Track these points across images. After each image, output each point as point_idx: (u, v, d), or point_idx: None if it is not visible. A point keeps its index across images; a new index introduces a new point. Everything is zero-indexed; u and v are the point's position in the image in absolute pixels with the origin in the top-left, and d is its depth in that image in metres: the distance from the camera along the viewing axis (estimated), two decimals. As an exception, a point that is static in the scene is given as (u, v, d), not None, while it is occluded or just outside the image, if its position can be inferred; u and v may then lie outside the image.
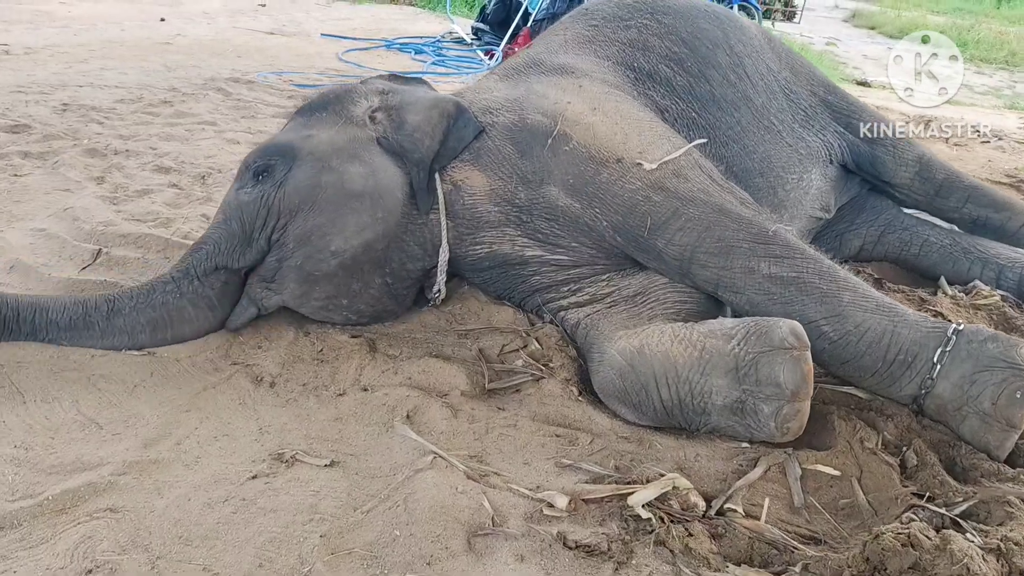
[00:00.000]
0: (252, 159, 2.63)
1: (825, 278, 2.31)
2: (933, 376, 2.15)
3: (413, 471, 1.97)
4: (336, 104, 2.78)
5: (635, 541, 1.79)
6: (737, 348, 2.14)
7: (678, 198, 2.47)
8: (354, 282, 2.59)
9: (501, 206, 2.67)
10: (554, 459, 2.09)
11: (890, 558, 1.67)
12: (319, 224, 2.51)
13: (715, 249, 2.40)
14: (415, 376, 2.41)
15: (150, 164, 4.25)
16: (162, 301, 2.45)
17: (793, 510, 1.96)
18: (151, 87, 6.02)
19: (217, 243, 2.53)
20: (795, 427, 2.09)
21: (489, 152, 2.72)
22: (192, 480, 1.96)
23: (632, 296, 2.59)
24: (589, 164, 2.57)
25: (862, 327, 2.23)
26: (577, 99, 2.77)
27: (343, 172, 2.56)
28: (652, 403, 2.23)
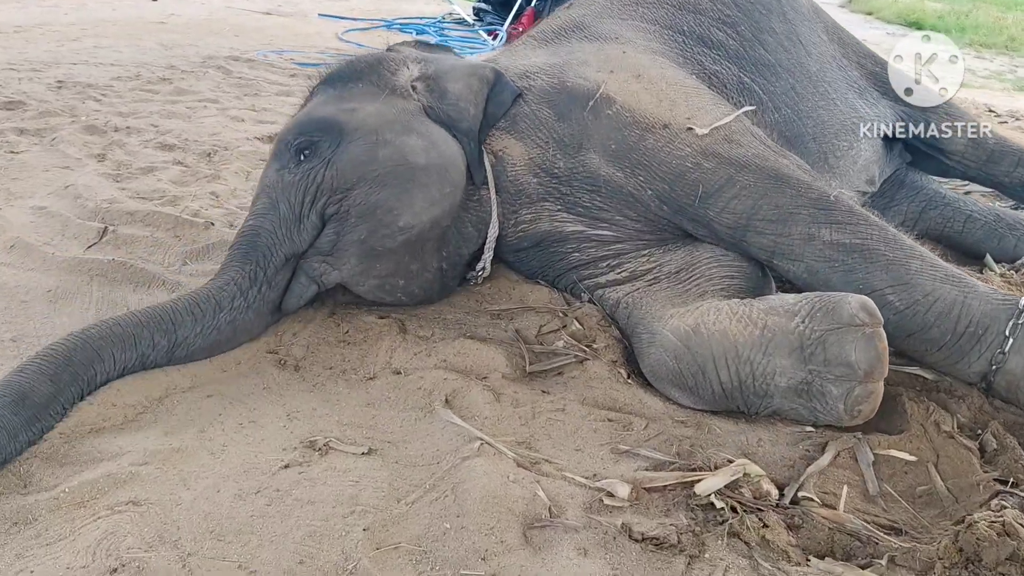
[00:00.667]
0: (291, 136, 2.42)
1: (891, 245, 2.17)
2: (1005, 350, 2.02)
3: (459, 459, 1.83)
4: (371, 74, 2.60)
5: (706, 532, 1.65)
6: (802, 325, 1.99)
7: (732, 164, 2.33)
8: (413, 262, 2.43)
9: (540, 177, 2.53)
10: (609, 445, 1.94)
11: (986, 548, 1.54)
12: (384, 199, 2.33)
13: (773, 216, 2.26)
14: (450, 358, 2.26)
15: (152, 141, 4.08)
16: (229, 320, 2.20)
17: (868, 498, 1.83)
18: (148, 65, 5.85)
19: (273, 232, 2.31)
20: (867, 410, 1.95)
21: (525, 117, 2.58)
22: (220, 470, 1.81)
23: (675, 272, 2.44)
24: (634, 129, 2.43)
25: (931, 296, 2.09)
26: (621, 66, 2.63)
27: (401, 145, 2.39)
28: (710, 386, 2.09)
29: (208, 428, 1.97)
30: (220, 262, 2.81)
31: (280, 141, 2.47)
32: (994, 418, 2.04)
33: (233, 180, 3.64)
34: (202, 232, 2.99)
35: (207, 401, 2.07)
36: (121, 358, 2.04)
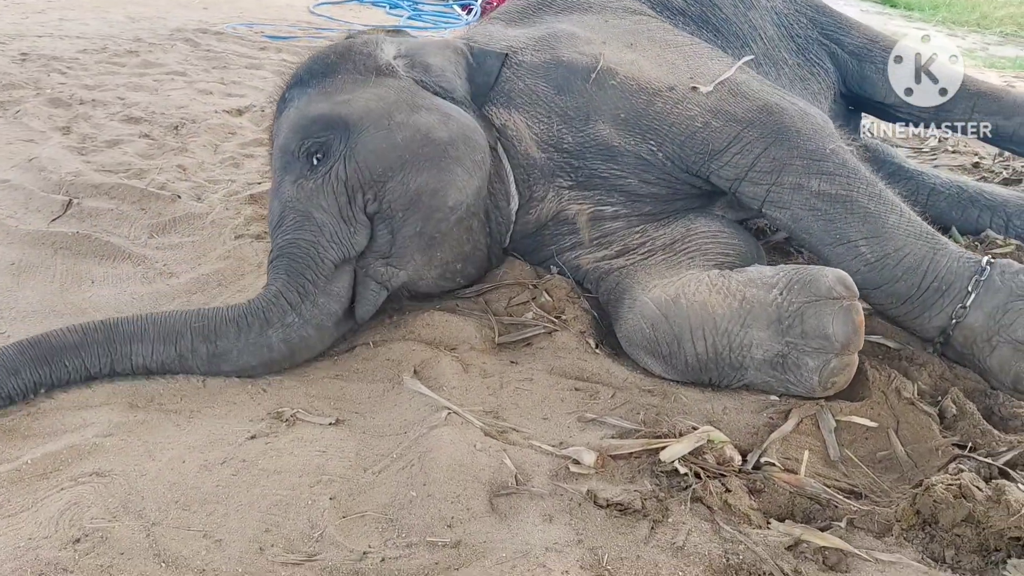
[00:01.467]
0: (295, 144, 2.28)
1: (874, 199, 2.22)
2: (966, 305, 2.08)
3: (427, 428, 1.83)
4: (346, 63, 2.48)
5: (670, 498, 1.67)
6: (780, 298, 2.01)
7: (737, 121, 2.35)
8: (467, 243, 2.40)
9: (548, 152, 2.49)
10: (575, 414, 1.96)
11: (942, 511, 1.58)
12: (425, 182, 2.24)
13: (769, 167, 2.30)
14: (420, 330, 2.27)
15: (119, 114, 4.02)
16: (282, 338, 2.09)
17: (829, 463, 1.85)
18: (115, 38, 5.74)
19: (315, 243, 2.17)
20: (841, 382, 1.99)
21: (521, 93, 2.53)
22: (186, 441, 1.80)
23: (669, 244, 2.45)
24: (640, 95, 2.43)
25: (902, 251, 2.15)
26: (610, 35, 2.62)
27: (417, 123, 2.30)
28: (684, 356, 2.10)
29: (175, 401, 1.96)
30: (186, 234, 2.83)
31: (284, 152, 2.32)
32: (954, 385, 2.08)
33: (200, 153, 3.60)
34: (168, 205, 2.96)
35: (176, 375, 2.05)
36: (161, 350, 2.02)
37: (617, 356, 2.25)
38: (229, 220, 2.87)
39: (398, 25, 7.55)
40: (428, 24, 7.87)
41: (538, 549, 1.50)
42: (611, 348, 2.29)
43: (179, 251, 2.71)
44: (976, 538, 1.56)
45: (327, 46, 2.64)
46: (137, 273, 2.58)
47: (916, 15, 14.56)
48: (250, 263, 2.53)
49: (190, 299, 2.43)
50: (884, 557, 1.53)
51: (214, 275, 2.54)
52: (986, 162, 4.35)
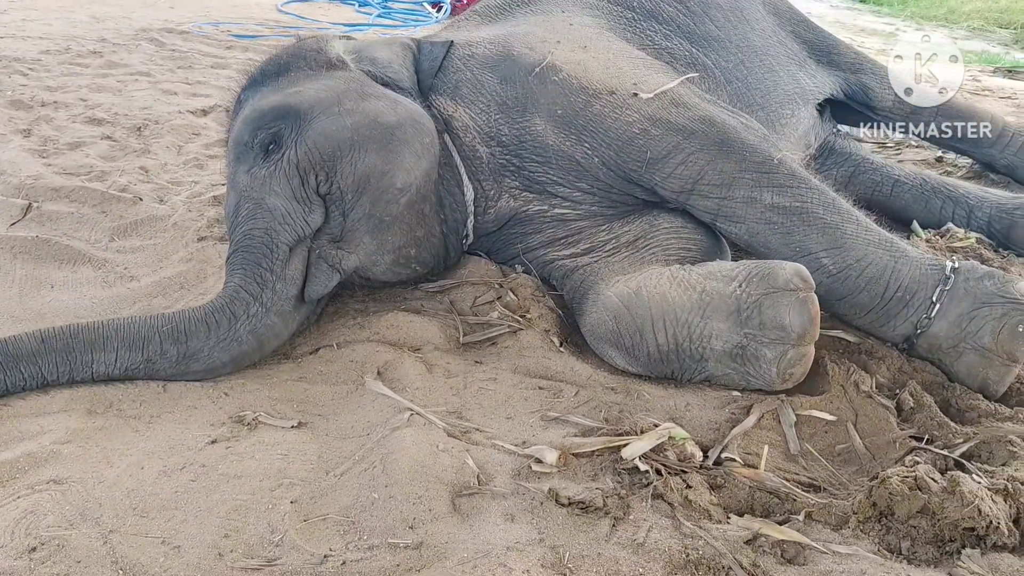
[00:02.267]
0: (247, 135, 2.29)
1: (829, 209, 2.23)
2: (931, 315, 2.09)
3: (389, 430, 1.82)
4: (298, 61, 2.50)
5: (631, 495, 1.68)
6: (739, 290, 2.04)
7: (678, 131, 2.34)
8: (419, 227, 2.39)
9: (491, 147, 2.50)
10: (539, 412, 1.96)
11: (898, 503, 1.60)
12: (373, 164, 2.26)
13: (717, 180, 2.29)
14: (383, 331, 2.26)
15: (81, 116, 3.97)
16: (249, 330, 2.08)
17: (789, 457, 1.88)
18: (78, 38, 5.66)
19: (269, 229, 2.17)
20: (799, 372, 2.02)
21: (467, 83, 2.56)
22: (145, 447, 1.78)
23: (633, 241, 2.45)
24: (580, 95, 2.42)
25: (863, 261, 2.15)
26: (568, 37, 2.64)
27: (366, 109, 2.32)
28: (647, 347, 2.12)
29: (134, 407, 1.94)
30: (148, 237, 2.80)
31: (237, 144, 2.33)
32: (912, 378, 2.11)
33: (164, 154, 3.56)
34: (130, 207, 2.93)
35: (136, 381, 2.03)
36: (126, 356, 1.99)
37: (581, 354, 2.26)
38: (192, 222, 2.84)
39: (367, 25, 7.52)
40: (398, 22, 7.84)
41: (499, 549, 1.51)
42: (575, 346, 2.30)
43: (140, 254, 2.68)
44: (931, 529, 1.58)
45: (279, 49, 2.66)
46: (98, 277, 2.55)
47: (885, 10, 14.73)
48: (213, 265, 2.51)
49: (151, 303, 2.40)
50: (841, 549, 1.55)
51: (176, 278, 2.51)
52: (949, 156, 4.40)
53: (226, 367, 2.09)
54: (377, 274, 2.38)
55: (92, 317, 2.28)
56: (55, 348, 1.96)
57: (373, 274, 2.38)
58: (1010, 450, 1.79)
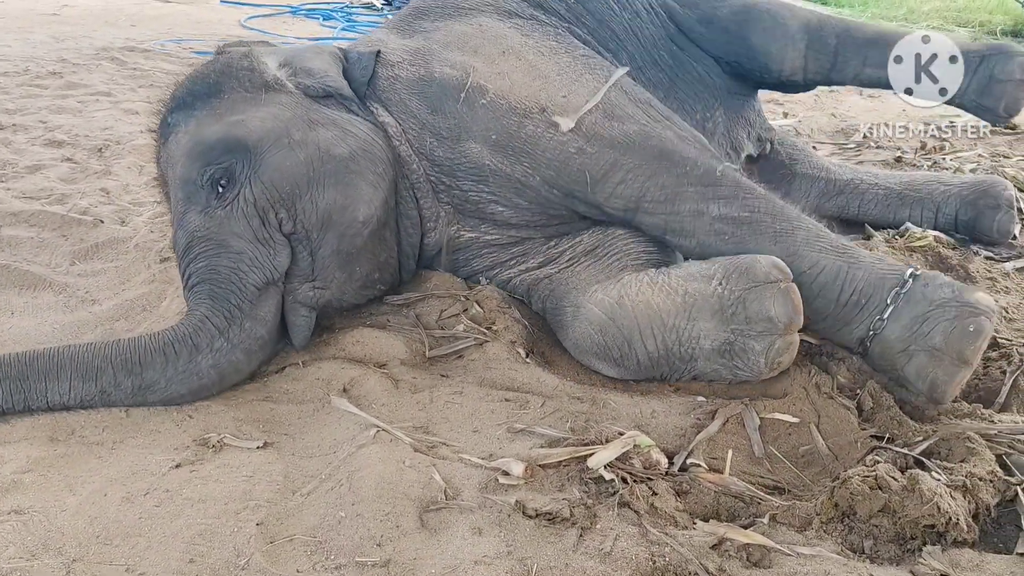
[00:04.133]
0: (195, 173, 2.21)
1: (778, 218, 2.22)
2: (884, 317, 2.07)
3: (355, 447, 1.82)
4: (230, 80, 2.41)
5: (598, 504, 1.69)
6: (720, 288, 2.07)
7: (615, 146, 2.31)
8: (382, 251, 2.40)
9: (421, 162, 2.48)
10: (505, 425, 1.97)
11: (859, 502, 1.62)
12: (332, 200, 2.24)
13: (661, 196, 2.28)
14: (349, 347, 2.25)
15: (40, 138, 3.92)
16: (211, 364, 2.04)
17: (754, 461, 1.90)
18: (38, 59, 5.60)
19: (235, 268, 2.13)
20: (786, 361, 2.06)
21: (396, 104, 2.51)
22: (108, 473, 1.77)
23: (591, 250, 2.45)
24: (511, 116, 2.38)
25: (816, 267, 2.15)
26: (483, 43, 2.57)
27: (316, 142, 2.28)
28: (636, 356, 2.15)
29: (96, 433, 1.92)
30: (109, 260, 2.77)
31: (185, 182, 2.24)
32: (873, 377, 2.14)
33: (125, 175, 3.53)
34: (91, 230, 2.90)
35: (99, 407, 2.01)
36: (79, 387, 1.95)
37: (548, 364, 2.27)
38: (154, 243, 2.82)
39: (331, 38, 7.51)
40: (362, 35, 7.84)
41: (467, 563, 1.51)
42: (542, 357, 2.31)
43: (102, 277, 2.66)
44: (893, 528, 1.61)
45: (204, 65, 2.55)
46: (59, 302, 2.52)
47: (846, 12, 14.95)
48: (176, 286, 2.48)
49: (113, 326, 2.38)
50: (805, 551, 1.57)
51: (138, 300, 2.49)
52: (908, 156, 4.48)
53: (184, 398, 2.05)
54: (346, 301, 2.40)
55: (53, 343, 2.25)
56: (9, 375, 1.93)
57: (343, 302, 2.39)
58: (968, 447, 1.82)
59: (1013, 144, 5.01)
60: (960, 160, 4.33)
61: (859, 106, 5.95)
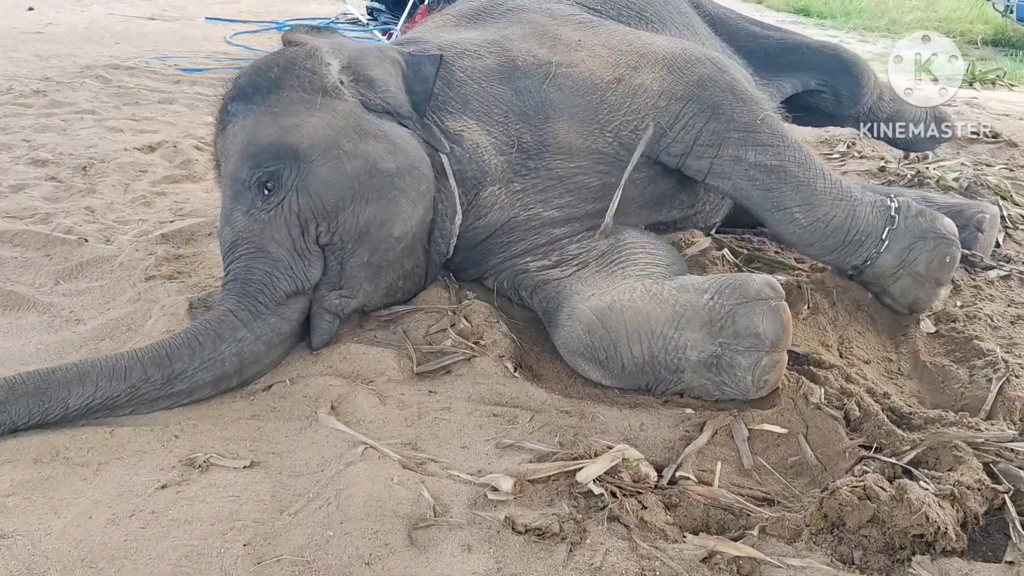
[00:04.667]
0: (245, 173, 2.27)
1: (803, 166, 2.51)
2: (880, 251, 2.49)
3: (343, 465, 1.81)
4: (291, 79, 2.42)
5: (588, 519, 1.68)
6: (712, 301, 2.10)
7: (679, 99, 2.55)
8: (409, 261, 2.46)
9: (508, 154, 2.56)
10: (494, 440, 1.96)
11: (848, 513, 1.62)
12: (372, 214, 2.28)
13: (710, 141, 2.53)
14: (337, 364, 2.25)
15: (24, 158, 3.90)
16: (234, 352, 2.11)
17: (743, 472, 1.90)
18: (21, 78, 5.57)
19: (269, 272, 2.20)
20: (773, 379, 2.07)
21: (478, 96, 2.60)
22: (93, 495, 1.74)
23: (601, 255, 2.54)
24: (594, 93, 2.58)
25: (829, 215, 2.48)
26: (559, 34, 2.75)
27: (365, 155, 2.30)
28: (621, 360, 2.16)
29: (81, 454, 1.90)
30: (94, 279, 2.76)
31: (234, 180, 2.31)
32: (860, 385, 2.15)
33: (109, 193, 3.51)
34: (75, 249, 2.88)
35: (83, 427, 1.99)
36: (107, 386, 1.97)
37: (536, 378, 2.27)
38: (139, 261, 2.80)
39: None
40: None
41: (457, 581, 1.50)
42: (530, 371, 2.31)
43: (86, 297, 2.63)
44: (882, 538, 1.61)
45: (269, 57, 2.56)
46: (43, 322, 2.50)
47: (829, 23, 15.10)
48: (161, 304, 2.47)
49: (98, 346, 2.36)
50: (795, 563, 1.57)
51: (123, 319, 2.47)
52: (892, 165, 4.51)
53: (207, 388, 2.10)
54: (369, 308, 2.47)
55: (37, 364, 2.23)
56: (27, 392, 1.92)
57: (366, 309, 2.47)
58: (956, 455, 1.83)
59: (995, 152, 5.07)
60: (943, 169, 4.35)
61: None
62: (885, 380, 2.27)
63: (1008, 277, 2.97)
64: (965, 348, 2.40)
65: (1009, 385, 2.14)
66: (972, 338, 2.42)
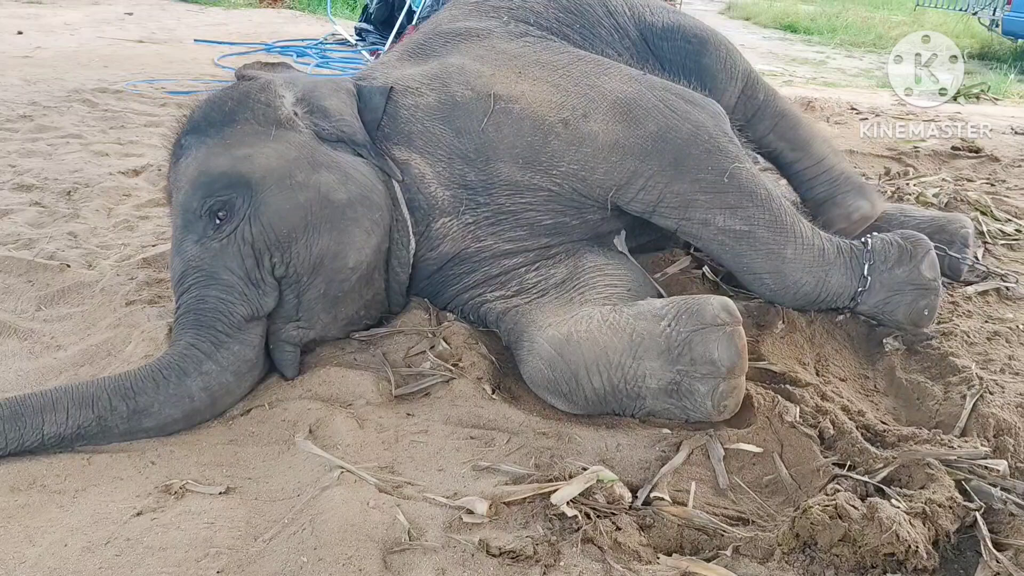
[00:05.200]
0: (197, 203, 2.27)
1: (774, 229, 2.45)
2: (853, 307, 2.56)
3: (319, 489, 1.81)
4: (245, 111, 2.44)
5: (562, 541, 1.69)
6: (668, 328, 2.09)
7: (634, 155, 2.46)
8: (368, 291, 2.46)
9: (453, 190, 2.53)
10: (470, 463, 1.96)
11: (820, 532, 1.64)
12: (326, 245, 2.28)
13: (675, 203, 2.47)
14: (316, 388, 2.25)
15: (9, 183, 3.90)
16: (202, 387, 2.09)
17: (719, 492, 1.91)
18: (8, 102, 5.58)
19: (222, 299, 2.18)
20: (732, 404, 2.08)
21: (420, 135, 2.55)
22: (69, 523, 1.74)
23: (560, 283, 2.51)
24: (536, 134, 2.48)
25: (799, 283, 2.48)
26: (499, 66, 2.65)
27: (318, 185, 2.31)
28: (583, 392, 2.16)
29: (58, 481, 1.90)
30: (75, 304, 2.76)
31: (185, 210, 2.30)
32: (835, 403, 2.16)
33: (93, 218, 3.51)
34: (57, 275, 2.88)
35: (61, 454, 1.98)
36: (77, 414, 1.97)
37: (514, 400, 2.27)
38: (120, 286, 2.80)
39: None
40: (336, 71, 7.89)
41: (430, 605, 1.50)
42: (508, 392, 2.32)
43: (67, 322, 2.64)
44: (853, 557, 1.62)
45: (223, 90, 2.60)
46: (23, 348, 2.50)
47: (815, 39, 15.26)
48: (141, 329, 2.47)
49: (78, 372, 2.35)
50: (767, 582, 1.58)
51: (103, 345, 2.47)
52: (872, 181, 4.54)
53: (179, 423, 2.08)
54: (329, 338, 2.47)
55: (17, 390, 2.23)
56: (3, 416, 1.92)
57: (326, 339, 2.46)
58: (928, 473, 1.84)
59: (977, 167, 5.12)
60: (924, 185, 4.40)
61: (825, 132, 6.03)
62: (861, 397, 2.29)
63: (986, 293, 2.99)
64: (941, 365, 2.41)
65: (983, 402, 2.16)
66: (948, 355, 2.43)
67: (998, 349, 2.53)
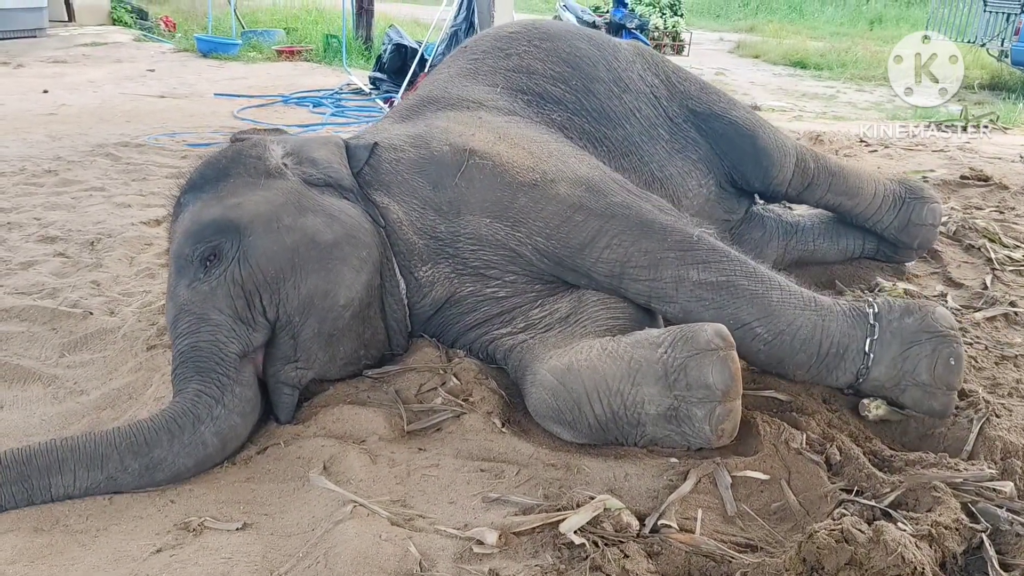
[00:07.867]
0: (188, 249, 2.35)
1: (753, 279, 2.36)
2: (868, 365, 2.29)
3: (332, 524, 1.85)
4: (237, 167, 2.56)
5: (571, 569, 1.71)
6: (665, 355, 2.13)
7: (598, 216, 2.49)
8: (366, 330, 2.51)
9: (425, 239, 2.61)
10: (481, 495, 2.00)
11: (826, 556, 1.65)
12: (315, 285, 2.36)
13: (644, 262, 2.42)
14: (330, 425, 2.30)
15: (34, 235, 4.03)
16: (214, 432, 2.12)
17: (727, 519, 1.92)
18: (34, 158, 5.75)
19: (215, 340, 2.23)
20: (729, 428, 2.10)
21: (399, 185, 2.66)
22: (90, 561, 1.79)
23: (565, 317, 2.55)
24: (506, 191, 2.56)
25: (794, 325, 2.30)
26: (480, 129, 2.75)
27: (304, 227, 2.41)
28: (586, 420, 2.19)
29: (80, 521, 1.95)
30: (98, 350, 2.83)
31: (178, 257, 2.38)
32: (841, 431, 2.18)
33: (115, 267, 3.62)
34: (80, 323, 2.97)
35: (106, 493, 2.04)
36: (84, 476, 1.99)
37: (524, 433, 2.31)
38: (141, 332, 2.88)
39: (321, 124, 7.73)
40: (351, 120, 8.07)
41: (441, 635, 1.53)
42: (518, 426, 2.35)
43: (90, 368, 2.71)
44: (860, 580, 1.63)
45: (218, 151, 2.73)
46: (47, 394, 2.58)
47: (826, 74, 15.37)
48: (162, 373, 2.54)
49: (100, 415, 2.42)
50: (774, 607, 1.59)
51: (125, 388, 2.54)
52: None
53: (189, 472, 2.10)
54: (330, 377, 2.51)
55: (42, 435, 2.30)
56: (9, 479, 1.95)
57: (327, 378, 2.50)
58: (934, 496, 1.86)
59: (986, 196, 5.13)
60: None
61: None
62: (868, 423, 2.29)
63: (993, 318, 3.00)
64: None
65: (990, 425, 2.17)
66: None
67: (1006, 373, 2.55)
